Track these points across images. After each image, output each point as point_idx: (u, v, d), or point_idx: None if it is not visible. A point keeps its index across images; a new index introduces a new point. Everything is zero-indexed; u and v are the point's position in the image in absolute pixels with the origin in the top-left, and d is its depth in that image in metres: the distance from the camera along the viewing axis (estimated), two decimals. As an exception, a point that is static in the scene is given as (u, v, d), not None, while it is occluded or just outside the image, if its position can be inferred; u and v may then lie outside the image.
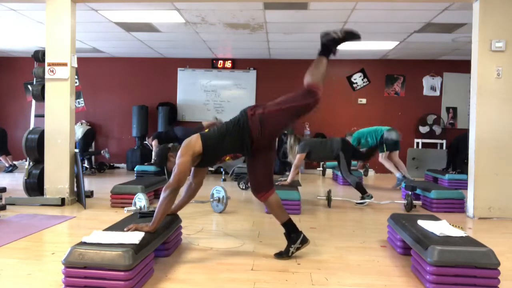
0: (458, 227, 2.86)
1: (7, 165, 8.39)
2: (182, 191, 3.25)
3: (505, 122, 4.61)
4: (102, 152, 8.59)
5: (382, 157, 6.92)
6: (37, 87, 5.26)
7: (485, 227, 4.25)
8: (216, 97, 9.41)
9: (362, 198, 5.20)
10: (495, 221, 4.51)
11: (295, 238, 2.98)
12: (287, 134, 6.23)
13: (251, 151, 2.95)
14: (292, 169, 5.33)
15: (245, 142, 2.89)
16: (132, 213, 3.41)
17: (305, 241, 3.00)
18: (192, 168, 3.17)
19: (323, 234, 3.72)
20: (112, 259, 2.18)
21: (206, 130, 3.01)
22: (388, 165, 6.91)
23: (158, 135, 7.69)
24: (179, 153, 2.85)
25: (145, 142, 8.79)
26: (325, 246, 3.32)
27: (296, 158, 5.37)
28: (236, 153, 3.01)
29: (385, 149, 6.86)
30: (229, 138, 2.89)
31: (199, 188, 3.28)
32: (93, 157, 8.84)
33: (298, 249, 2.98)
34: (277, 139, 5.17)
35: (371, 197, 5.21)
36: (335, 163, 6.28)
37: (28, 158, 5.23)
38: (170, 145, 3.08)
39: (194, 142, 2.88)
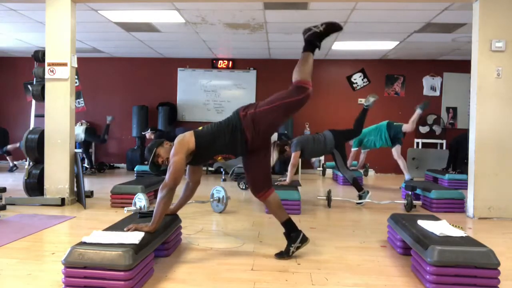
0: (458, 227, 2.86)
1: (11, 164, 8.39)
2: (180, 191, 3.25)
3: (505, 122, 4.61)
4: (108, 120, 8.37)
5: (396, 154, 6.59)
6: (37, 87, 5.26)
7: (485, 227, 4.24)
8: (216, 97, 9.41)
9: (360, 197, 5.19)
10: (495, 221, 4.51)
11: (294, 237, 2.99)
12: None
13: (246, 151, 2.95)
14: (290, 168, 5.28)
15: (238, 143, 2.88)
16: (132, 213, 3.42)
17: (305, 240, 3.00)
18: (188, 167, 3.16)
19: (323, 234, 3.72)
20: (112, 259, 2.18)
21: (200, 128, 2.99)
22: (402, 164, 6.61)
23: (160, 134, 7.65)
24: (172, 151, 2.83)
25: (143, 132, 8.62)
26: (325, 246, 3.32)
27: (291, 156, 5.32)
28: (229, 154, 3.00)
29: (399, 142, 6.44)
30: (222, 138, 2.89)
31: (197, 187, 3.27)
32: (92, 155, 8.83)
33: (298, 248, 2.99)
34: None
35: (368, 192, 5.21)
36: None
37: (28, 158, 5.23)
38: (161, 140, 3.07)
39: (188, 139, 2.87)
